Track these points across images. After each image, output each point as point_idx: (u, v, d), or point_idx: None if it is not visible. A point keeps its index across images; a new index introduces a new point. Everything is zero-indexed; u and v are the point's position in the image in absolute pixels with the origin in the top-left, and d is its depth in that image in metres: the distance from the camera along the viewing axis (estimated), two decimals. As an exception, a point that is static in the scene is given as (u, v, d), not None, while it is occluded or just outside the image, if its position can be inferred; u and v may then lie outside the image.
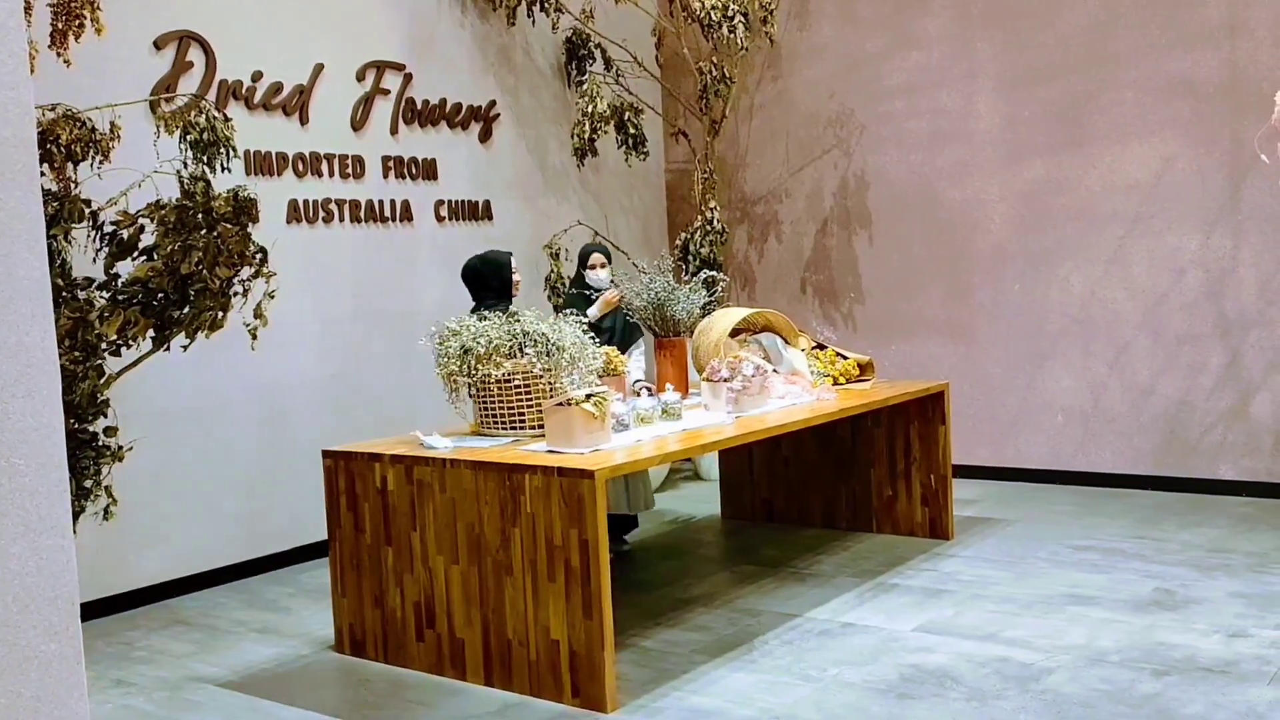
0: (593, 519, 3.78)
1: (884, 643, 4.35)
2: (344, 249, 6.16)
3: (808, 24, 7.70)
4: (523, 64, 7.21)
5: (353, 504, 4.41)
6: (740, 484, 6.46)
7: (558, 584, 3.87)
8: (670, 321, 5.57)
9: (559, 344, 4.49)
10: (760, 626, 4.61)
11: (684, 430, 4.58)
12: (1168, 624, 4.41)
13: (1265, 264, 6.29)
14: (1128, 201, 6.63)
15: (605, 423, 4.21)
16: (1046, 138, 6.89)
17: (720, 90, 7.30)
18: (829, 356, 5.85)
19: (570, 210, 7.46)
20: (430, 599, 4.21)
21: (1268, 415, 6.32)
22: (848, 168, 7.63)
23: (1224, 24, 6.28)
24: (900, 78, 7.37)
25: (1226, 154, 6.31)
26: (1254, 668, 3.92)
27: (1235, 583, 4.88)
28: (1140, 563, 5.25)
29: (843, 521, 6.10)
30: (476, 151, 6.89)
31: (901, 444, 5.90)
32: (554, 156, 7.39)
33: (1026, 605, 4.72)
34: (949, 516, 5.82)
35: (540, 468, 3.91)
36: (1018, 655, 4.15)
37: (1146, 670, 3.96)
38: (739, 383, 4.92)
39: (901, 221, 7.45)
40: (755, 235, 8.08)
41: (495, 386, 4.49)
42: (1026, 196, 6.98)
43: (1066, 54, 6.79)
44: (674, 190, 8.31)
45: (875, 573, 5.29)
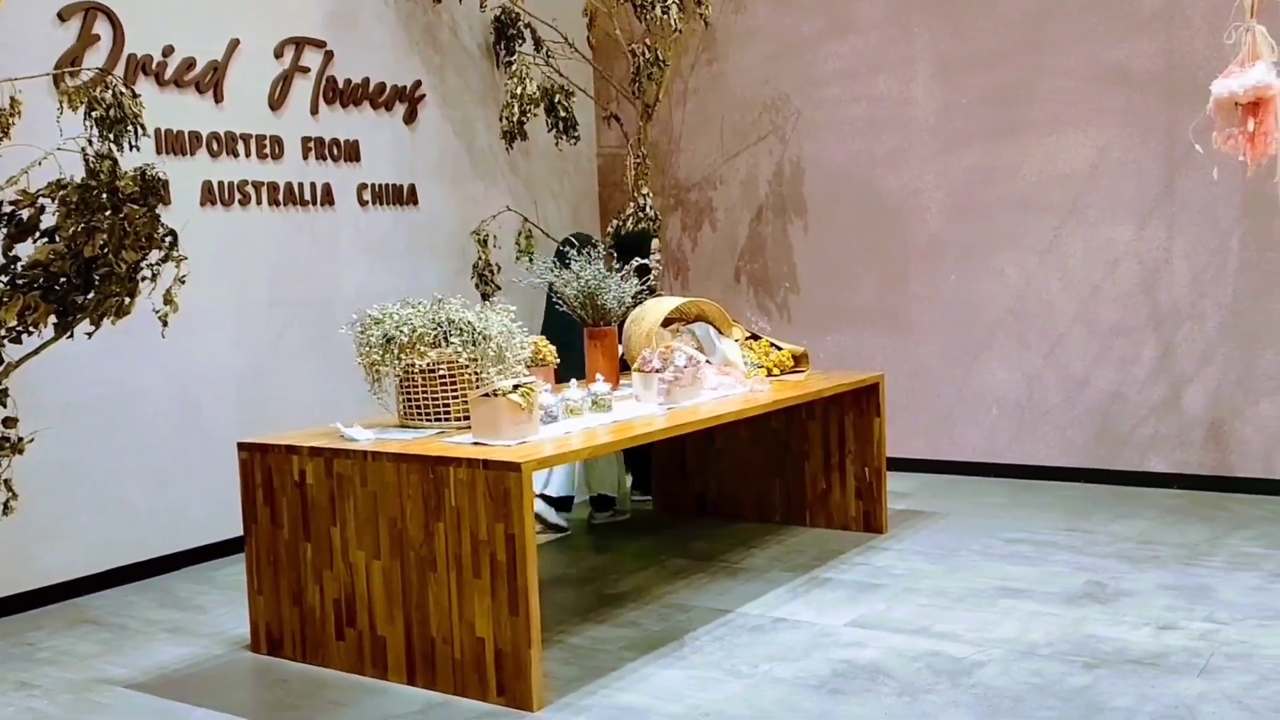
0: (519, 513, 3.69)
1: (816, 638, 4.30)
2: (261, 233, 5.95)
3: (743, 6, 7.60)
4: (449, 43, 7.02)
5: (269, 498, 4.27)
6: (672, 476, 6.36)
7: (483, 580, 3.77)
8: (601, 310, 5.45)
9: (485, 333, 4.37)
10: (691, 622, 4.53)
11: (614, 422, 4.49)
12: (1098, 616, 4.41)
13: (1198, 256, 6.31)
14: (1063, 191, 6.62)
15: (533, 414, 4.12)
16: (983, 126, 6.86)
17: (653, 73, 7.17)
18: (763, 347, 5.77)
19: (499, 195, 7.29)
20: (351, 596, 4.09)
21: (1199, 408, 6.35)
22: (783, 154, 7.55)
23: (1161, 13, 6.28)
24: (837, 63, 7.30)
25: (1161, 145, 6.32)
26: (1183, 660, 3.93)
27: (1165, 575, 4.89)
28: (1071, 555, 5.24)
29: (776, 515, 6.03)
30: (401, 133, 6.69)
31: (836, 436, 5.84)
32: (482, 139, 7.21)
33: (958, 598, 4.69)
34: (883, 510, 5.77)
35: (465, 460, 3.81)
36: (949, 649, 4.12)
37: (1077, 663, 3.95)
38: (671, 373, 4.82)
39: (837, 210, 7.39)
40: (689, 223, 7.97)
41: (419, 377, 4.36)
42: (963, 185, 6.95)
43: (1004, 41, 6.76)
44: (606, 176, 8.17)
45: (808, 567, 5.22)
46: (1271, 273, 6.14)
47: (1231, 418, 6.29)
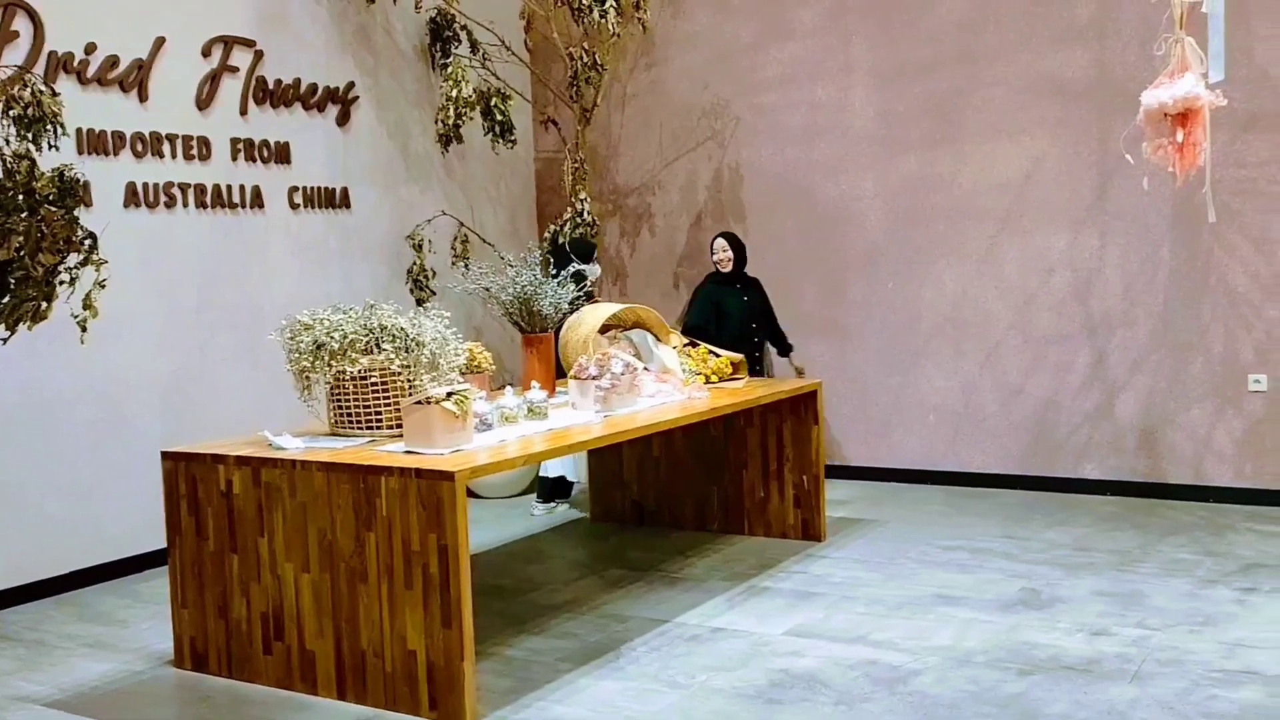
0: (453, 523, 3.62)
1: (754, 647, 4.28)
2: (188, 236, 5.79)
3: (681, 11, 7.57)
4: (383, 44, 6.90)
5: (194, 509, 4.15)
6: (610, 485, 6.30)
7: (415, 592, 3.70)
8: (537, 317, 5.38)
9: (419, 339, 4.29)
10: (628, 633, 4.48)
11: (550, 430, 4.43)
12: (1033, 623, 4.43)
13: (1130, 264, 6.39)
14: (999, 200, 6.67)
15: (467, 422, 4.06)
16: (920, 134, 6.89)
17: (591, 77, 7.11)
18: (701, 354, 5.74)
19: (434, 199, 7.18)
20: (279, 609, 3.99)
21: (1131, 415, 6.43)
22: (722, 160, 7.54)
23: (1093, 24, 6.35)
24: (775, 69, 7.30)
25: (1094, 154, 6.39)
26: (1116, 666, 3.96)
27: (1098, 581, 4.93)
28: (1007, 562, 5.27)
29: (715, 523, 5.99)
30: (333, 135, 6.57)
31: (774, 444, 5.81)
32: (417, 142, 7.10)
33: (896, 606, 4.69)
34: (821, 517, 5.75)
35: (397, 469, 3.74)
36: (886, 657, 4.12)
37: (1012, 670, 3.96)
38: (608, 381, 4.77)
39: (777, 216, 7.38)
40: (627, 228, 7.92)
41: (350, 384, 4.28)
42: (901, 193, 6.98)
43: (940, 49, 6.80)
44: (543, 180, 8.10)
45: (746, 576, 5.19)
46: (1200, 281, 6.23)
47: (1163, 425, 6.37)
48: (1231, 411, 6.19)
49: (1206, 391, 6.25)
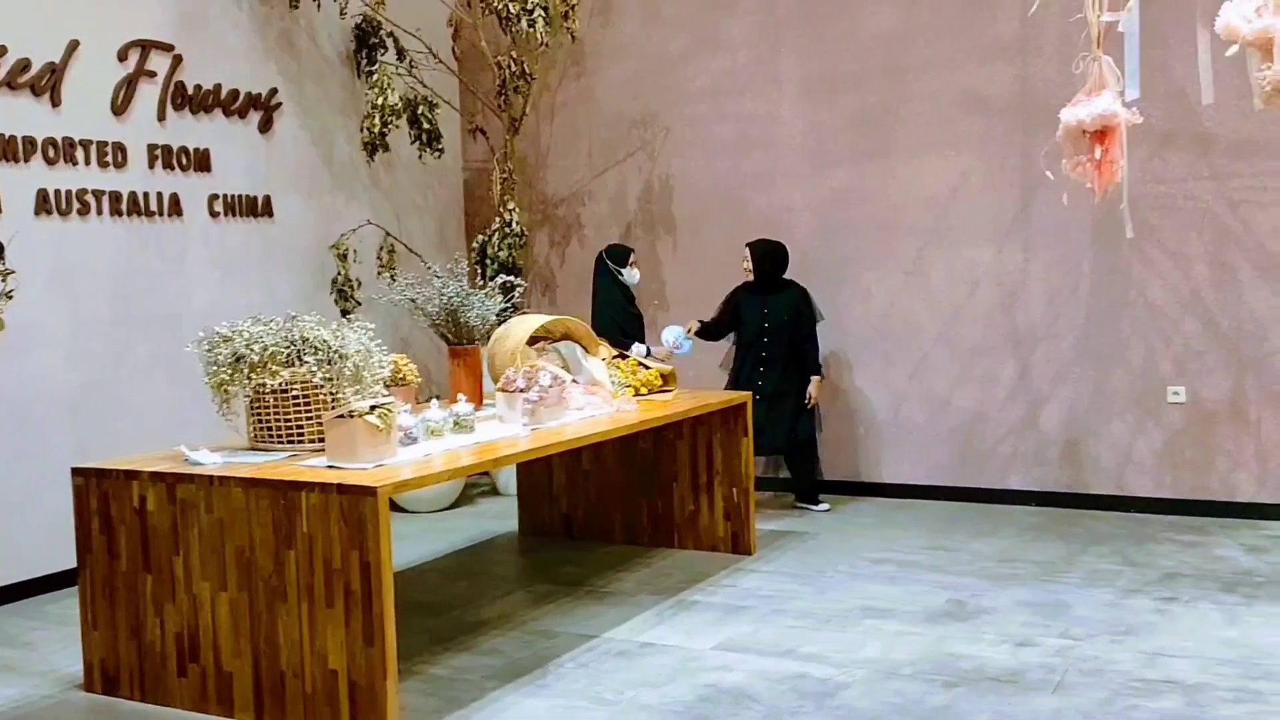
0: (375, 539, 3.55)
1: (682, 662, 4.24)
2: (102, 245, 5.62)
3: (611, 21, 7.55)
4: (307, 50, 6.78)
5: (106, 527, 4.03)
6: (539, 499, 6.23)
7: (336, 610, 3.62)
8: (464, 329, 5.33)
9: (341, 351, 4.20)
10: (556, 649, 4.42)
11: (477, 443, 4.38)
12: (959, 635, 4.45)
13: (1053, 278, 6.49)
14: (926, 213, 6.73)
15: (391, 436, 3.99)
16: (849, 147, 6.94)
17: (520, 87, 7.05)
18: (631, 366, 5.70)
19: (360, 208, 7.06)
20: (194, 629, 3.88)
21: (1055, 426, 6.52)
22: (652, 171, 7.52)
23: (1015, 41, 6.45)
24: (705, 80, 7.30)
25: (1017, 169, 6.48)
26: (1039, 677, 3.99)
27: (1023, 592, 4.97)
28: (934, 574, 5.30)
29: (644, 537, 5.95)
30: (255, 142, 6.42)
31: (704, 457, 5.79)
32: (342, 150, 6.98)
33: (824, 620, 4.68)
34: (751, 531, 5.74)
35: (319, 485, 3.66)
36: (814, 671, 4.11)
37: (937, 682, 3.98)
38: (535, 393, 4.71)
39: (707, 227, 7.38)
40: (557, 239, 7.87)
41: (271, 397, 4.19)
42: (830, 205, 7.01)
43: (867, 64, 6.86)
44: (472, 190, 8.01)
45: (676, 590, 5.15)
46: (1120, 295, 6.34)
47: (1085, 436, 6.46)
48: (1151, 423, 6.31)
49: (1127, 403, 6.36)
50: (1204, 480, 6.22)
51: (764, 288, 6.57)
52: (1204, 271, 6.18)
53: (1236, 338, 6.13)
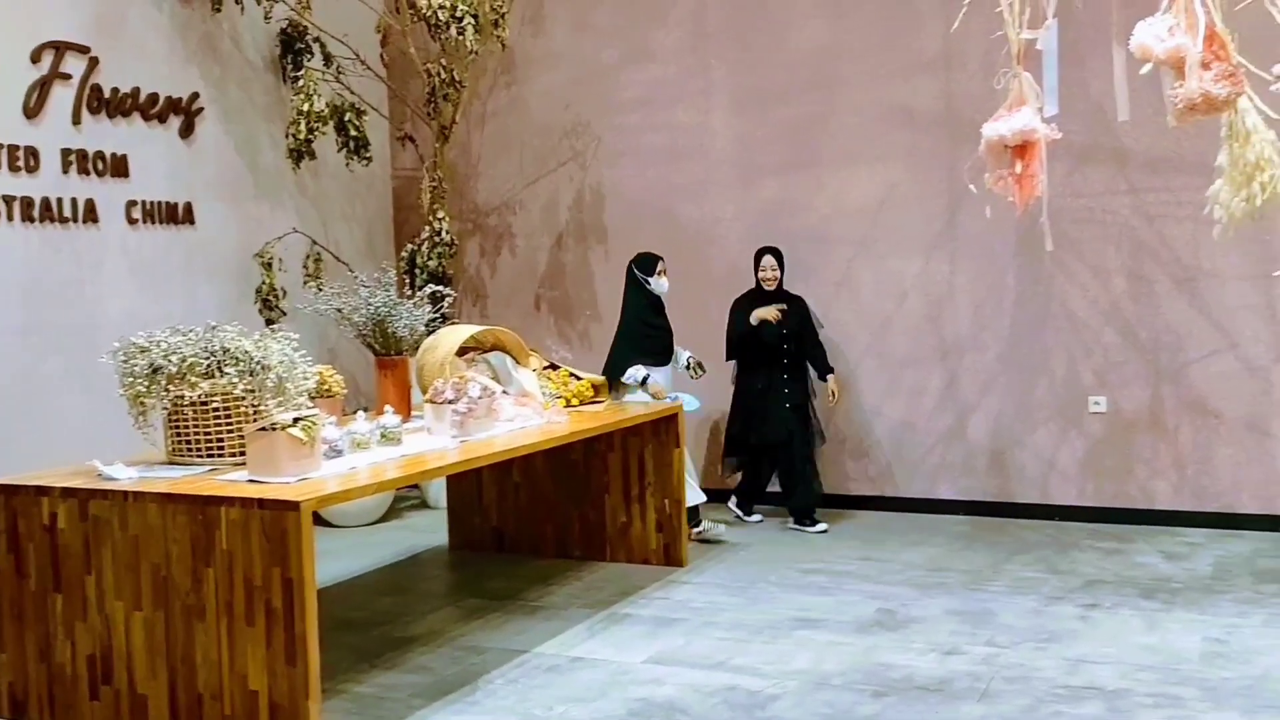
0: (298, 555, 3.47)
1: (613, 676, 4.21)
2: (12, 251, 5.45)
3: (542, 30, 7.51)
4: (230, 54, 6.65)
5: (14, 545, 3.89)
6: (469, 512, 6.15)
7: (257, 628, 3.54)
8: (392, 339, 5.25)
9: (264, 362, 4.11)
10: (485, 665, 4.37)
11: (404, 456, 4.32)
12: (888, 644, 4.48)
13: (978, 289, 6.57)
14: (855, 225, 6.78)
15: (315, 449, 3.92)
16: (779, 158, 6.98)
17: (450, 94, 6.98)
18: (562, 377, 5.67)
19: (285, 216, 6.93)
20: (108, 651, 3.76)
21: (982, 436, 6.60)
22: (584, 180, 7.49)
23: (940, 56, 6.53)
24: (637, 91, 7.30)
25: (943, 182, 6.56)
26: (966, 685, 4.03)
27: (951, 600, 5.02)
28: (865, 584, 5.32)
29: (576, 550, 5.90)
30: (176, 148, 6.28)
31: (636, 468, 5.76)
32: (267, 157, 6.85)
33: (756, 631, 4.68)
34: (683, 542, 5.72)
35: (239, 500, 3.59)
36: (745, 683, 4.11)
37: (867, 692, 4.00)
38: (464, 405, 4.66)
39: (639, 237, 7.35)
40: (487, 248, 7.80)
41: (189, 409, 4.08)
42: (761, 216, 7.04)
43: (796, 76, 6.90)
44: (401, 198, 7.92)
45: (607, 603, 5.12)
46: (1043, 306, 6.45)
47: (1011, 446, 6.56)
48: (1074, 432, 6.42)
49: (1051, 413, 6.46)
50: (1124, 488, 6.34)
51: (778, 294, 6.50)
52: (1123, 284, 6.31)
53: (1154, 349, 6.26)
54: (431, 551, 6.21)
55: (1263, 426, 6.09)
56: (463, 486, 6.11)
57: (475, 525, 6.14)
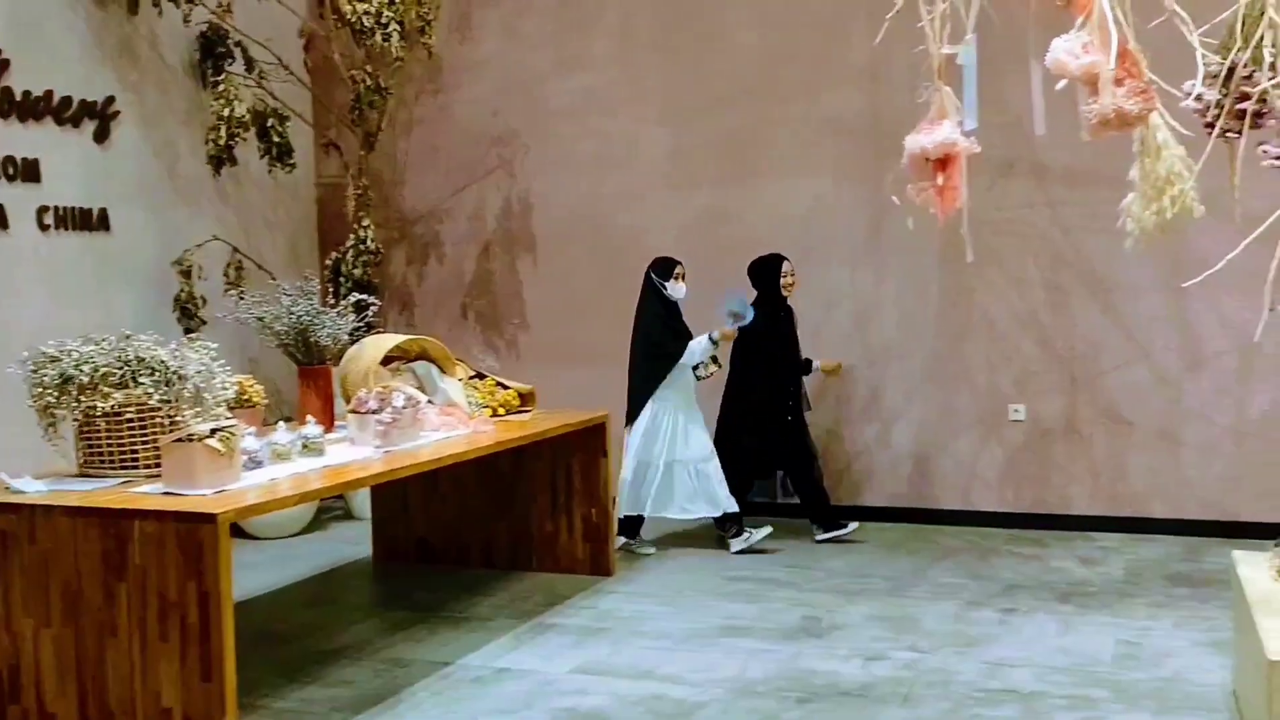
0: (214, 569, 3.42)
1: (539, 687, 4.19)
2: (-81, 258, 5.29)
3: (469, 37, 7.48)
4: (148, 58, 6.51)
5: (-81, 560, 3.76)
6: (393, 523, 6.08)
7: (171, 644, 3.49)
8: (315, 348, 5.17)
9: (180, 372, 4.03)
10: (409, 677, 4.32)
11: (326, 467, 4.26)
12: (813, 651, 4.51)
13: (904, 299, 6.66)
14: (785, 234, 6.81)
15: (233, 460, 3.86)
16: (711, 168, 7.01)
17: (375, 101, 6.91)
18: (488, 386, 5.63)
19: (205, 223, 6.81)
20: (15, 669, 3.68)
21: (907, 443, 6.68)
22: (512, 189, 7.47)
23: (867, 69, 6.61)
24: (567, 99, 7.29)
25: (870, 193, 6.63)
26: (889, 690, 4.08)
27: (875, 607, 5.07)
28: (791, 591, 5.36)
29: (502, 560, 5.86)
30: (91, 152, 6.13)
31: (563, 477, 5.75)
32: (186, 163, 6.72)
33: (682, 640, 4.69)
34: (610, 551, 5.72)
35: (153, 513, 3.53)
36: (671, 692, 4.11)
37: (791, 698, 4.03)
38: (388, 415, 4.61)
39: (568, 246, 7.36)
40: (414, 257, 7.73)
41: (102, 421, 4.00)
42: (691, 226, 7.06)
43: (728, 87, 6.95)
44: (326, 206, 7.82)
45: (534, 613, 5.09)
46: (965, 316, 6.56)
47: (935, 453, 6.65)
48: (994, 440, 6.53)
49: (972, 421, 6.57)
50: (1042, 495, 6.47)
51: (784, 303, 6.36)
52: (1041, 294, 6.44)
53: (1070, 358, 6.40)
54: (355, 563, 6.13)
55: (1173, 435, 6.26)
56: (387, 497, 6.04)
57: (400, 536, 6.07)
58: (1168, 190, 3.79)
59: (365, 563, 6.12)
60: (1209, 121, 3.17)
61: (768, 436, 6.27)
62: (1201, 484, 6.22)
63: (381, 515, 6.12)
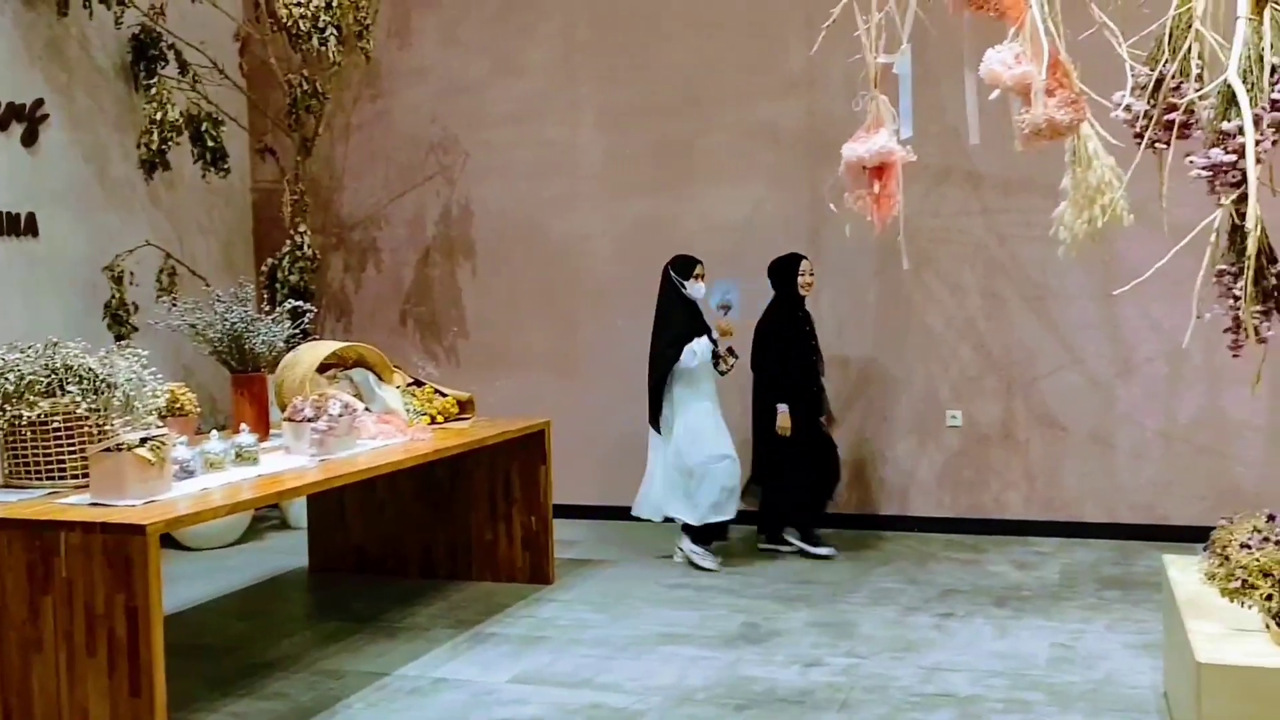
0: (144, 581, 3.37)
1: (476, 697, 4.16)
2: None
3: (408, 43, 7.42)
4: (78, 60, 6.39)
5: None
6: (330, 532, 6.00)
7: (99, 659, 3.42)
8: (250, 355, 5.09)
9: (110, 380, 3.95)
10: (344, 689, 4.26)
11: (260, 476, 4.20)
12: (752, 657, 4.52)
13: (842, 306, 6.71)
14: (722, 241, 6.85)
15: (164, 470, 3.79)
16: (648, 175, 7.02)
17: (312, 106, 6.84)
18: (427, 394, 5.58)
19: (138, 228, 6.68)
20: (-65, 686, 3.56)
21: (845, 449, 6.69)
22: (451, 195, 7.42)
23: (804, 77, 6.67)
24: (505, 106, 7.26)
25: (807, 200, 6.69)
26: (826, 696, 4.10)
27: (814, 613, 5.09)
28: (730, 597, 5.37)
29: (441, 569, 5.80)
30: (18, 156, 6.00)
31: (502, 485, 5.71)
32: (117, 167, 6.59)
33: (621, 648, 4.68)
34: (550, 560, 5.69)
35: (80, 524, 3.46)
36: (610, 700, 4.10)
37: (730, 705, 4.03)
38: (325, 423, 4.56)
39: (507, 253, 7.33)
40: (352, 263, 7.65)
41: (28, 430, 3.92)
42: (630, 232, 7.07)
43: (665, 94, 6.96)
44: (261, 211, 7.71)
45: (472, 622, 5.05)
46: (903, 323, 6.62)
47: (874, 459, 6.71)
48: (932, 445, 6.60)
49: (911, 427, 6.64)
50: (979, 500, 6.55)
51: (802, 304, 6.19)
52: (977, 301, 6.52)
53: (1007, 364, 6.49)
54: (291, 573, 6.04)
55: (1106, 439, 6.37)
56: (324, 506, 5.96)
57: (337, 545, 5.99)
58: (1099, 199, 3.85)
59: (301, 573, 6.04)
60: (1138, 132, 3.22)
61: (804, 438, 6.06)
62: (1133, 488, 6.34)
63: (318, 525, 6.04)
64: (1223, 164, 2.87)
